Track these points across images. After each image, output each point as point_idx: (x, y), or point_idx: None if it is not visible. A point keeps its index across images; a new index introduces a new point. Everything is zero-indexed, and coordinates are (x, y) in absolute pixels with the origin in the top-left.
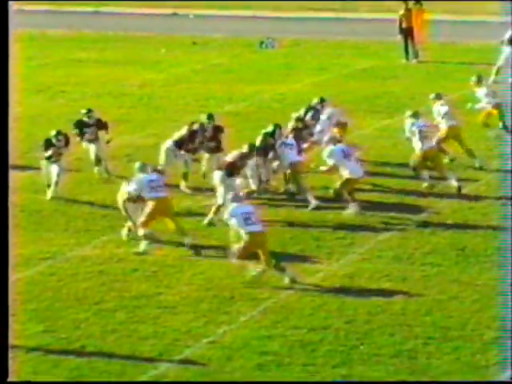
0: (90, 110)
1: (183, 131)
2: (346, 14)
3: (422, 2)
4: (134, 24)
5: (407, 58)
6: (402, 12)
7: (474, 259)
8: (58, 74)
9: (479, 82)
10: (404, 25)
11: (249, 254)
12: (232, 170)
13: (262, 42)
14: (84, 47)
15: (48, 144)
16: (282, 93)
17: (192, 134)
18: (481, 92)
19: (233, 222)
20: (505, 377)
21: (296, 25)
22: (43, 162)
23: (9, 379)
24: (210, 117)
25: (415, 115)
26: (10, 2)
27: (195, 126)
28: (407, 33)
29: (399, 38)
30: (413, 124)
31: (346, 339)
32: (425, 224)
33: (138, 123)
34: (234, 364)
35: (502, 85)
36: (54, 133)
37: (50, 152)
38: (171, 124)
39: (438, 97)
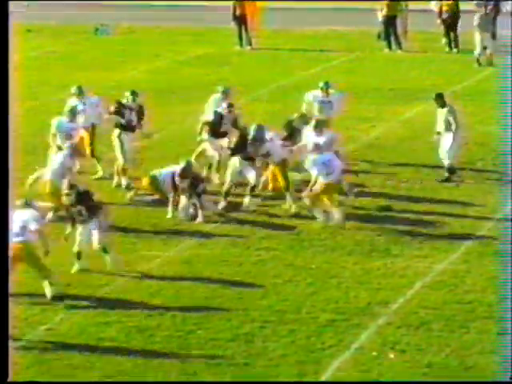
0: (134, 92)
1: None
2: (179, 1)
3: None
4: None
5: (241, 45)
6: None
7: (308, 243)
8: None
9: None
10: (237, 12)
11: None
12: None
13: (96, 29)
14: None
15: None
16: (118, 80)
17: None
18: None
19: None
20: (341, 360)
21: (131, 12)
22: None
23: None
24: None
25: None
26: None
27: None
28: (241, 20)
29: (233, 24)
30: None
31: (184, 324)
32: (260, 209)
33: None
34: (72, 351)
35: None
36: None
37: None
38: None
39: None
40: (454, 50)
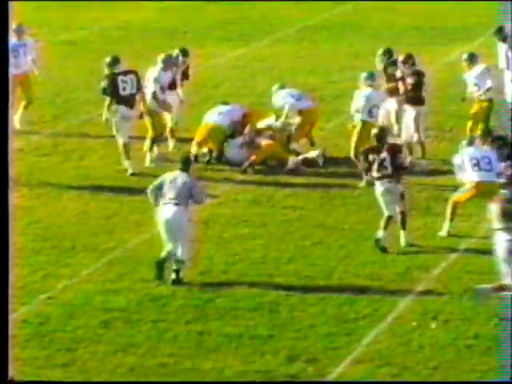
0: (185, 51)
1: None
2: None
3: None
4: None
5: None
6: None
7: (340, 201)
8: None
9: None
10: None
11: None
12: None
13: None
14: None
15: None
16: (125, 20)
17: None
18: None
19: None
20: (377, 331)
21: None
22: None
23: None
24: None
25: None
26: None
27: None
28: None
29: None
30: None
31: (201, 292)
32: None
33: None
34: (77, 322)
35: None
36: None
37: None
38: None
39: None
40: None
